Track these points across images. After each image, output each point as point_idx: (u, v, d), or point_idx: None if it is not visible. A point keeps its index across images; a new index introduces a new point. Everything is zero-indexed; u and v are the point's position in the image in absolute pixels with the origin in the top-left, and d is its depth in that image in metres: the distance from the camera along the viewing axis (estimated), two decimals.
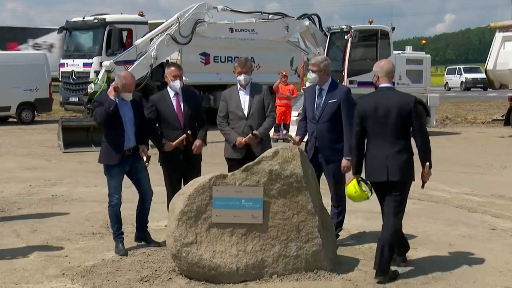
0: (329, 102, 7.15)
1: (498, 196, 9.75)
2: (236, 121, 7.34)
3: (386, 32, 21.00)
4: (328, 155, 7.16)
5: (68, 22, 23.10)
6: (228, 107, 7.41)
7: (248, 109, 7.34)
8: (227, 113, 7.42)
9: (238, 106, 7.36)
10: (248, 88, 7.42)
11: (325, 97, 7.19)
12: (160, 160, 7.42)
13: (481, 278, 6.25)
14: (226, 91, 7.70)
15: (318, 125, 7.15)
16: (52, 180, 11.23)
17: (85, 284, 6.06)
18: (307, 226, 6.23)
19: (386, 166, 6.12)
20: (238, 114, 7.34)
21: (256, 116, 7.33)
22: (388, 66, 6.58)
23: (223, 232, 6.13)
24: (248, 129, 7.26)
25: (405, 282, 6.09)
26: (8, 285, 6.05)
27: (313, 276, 6.13)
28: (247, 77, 7.36)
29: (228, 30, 20.42)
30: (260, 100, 7.39)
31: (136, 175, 7.22)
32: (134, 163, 7.15)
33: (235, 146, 7.22)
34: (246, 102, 7.37)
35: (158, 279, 6.13)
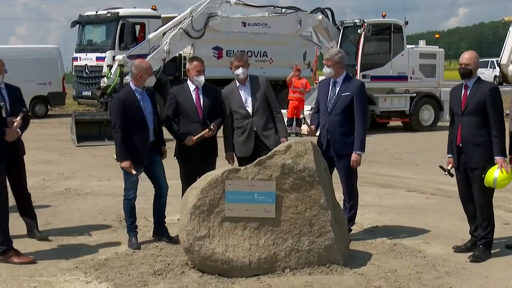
0: (343, 95, 7.12)
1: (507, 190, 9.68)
2: (242, 120, 7.26)
3: (400, 26, 20.95)
4: (339, 148, 7.14)
5: (81, 16, 23.18)
6: (230, 107, 7.31)
7: (252, 106, 7.24)
8: (231, 113, 7.32)
9: (241, 104, 7.25)
10: (247, 83, 7.30)
11: (339, 89, 7.16)
12: (177, 154, 7.40)
13: (494, 273, 6.22)
14: (225, 89, 7.49)
15: (329, 117, 7.13)
16: (66, 174, 11.28)
17: (98, 277, 6.08)
18: (320, 220, 6.22)
19: None
20: (242, 113, 7.25)
21: (261, 111, 7.24)
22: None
23: (235, 226, 6.14)
24: (253, 125, 7.20)
25: (418, 276, 6.07)
26: (22, 278, 6.09)
27: (325, 270, 6.12)
28: (244, 70, 7.23)
29: (241, 24, 20.42)
30: (263, 94, 7.28)
31: (153, 170, 7.21)
32: (152, 158, 7.15)
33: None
34: (249, 99, 7.26)
35: (171, 273, 6.14)
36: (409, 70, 21.04)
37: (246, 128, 7.24)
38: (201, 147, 7.20)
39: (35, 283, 5.95)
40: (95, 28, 22.94)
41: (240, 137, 7.27)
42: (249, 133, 7.23)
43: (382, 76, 20.41)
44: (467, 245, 6.93)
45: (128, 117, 6.91)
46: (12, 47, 28.46)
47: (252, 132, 7.22)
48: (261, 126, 7.23)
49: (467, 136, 6.60)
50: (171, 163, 7.52)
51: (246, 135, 7.24)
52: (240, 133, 7.27)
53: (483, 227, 6.64)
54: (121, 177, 7.66)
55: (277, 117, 7.37)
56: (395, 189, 10.65)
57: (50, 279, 6.07)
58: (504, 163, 6.42)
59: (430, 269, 6.32)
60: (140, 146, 6.98)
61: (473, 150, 6.59)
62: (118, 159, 7.00)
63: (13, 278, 6.08)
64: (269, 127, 7.29)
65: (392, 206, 9.29)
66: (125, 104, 6.95)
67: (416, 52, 21.40)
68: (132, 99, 6.98)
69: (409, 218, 8.38)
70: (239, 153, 7.31)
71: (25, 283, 5.95)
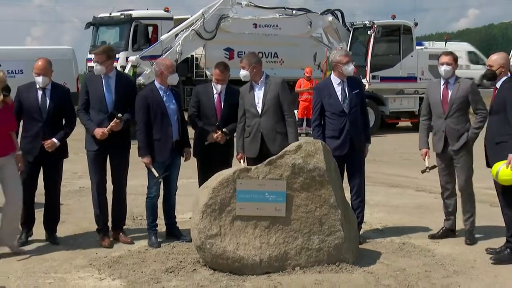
0: (353, 93, 7.14)
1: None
2: (251, 118, 7.19)
3: (409, 27, 20.94)
4: (360, 144, 7.22)
5: (95, 18, 23.25)
6: (244, 105, 7.25)
7: (262, 106, 7.11)
8: (244, 112, 7.26)
9: (252, 103, 7.15)
10: (262, 83, 7.18)
11: (348, 89, 7.15)
12: (195, 152, 7.40)
13: (503, 272, 6.20)
14: (243, 87, 7.38)
15: (349, 117, 7.08)
16: (79, 173, 11.30)
17: (112, 274, 6.11)
18: (330, 219, 6.22)
19: None
20: (252, 112, 7.16)
21: (271, 112, 7.09)
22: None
23: (246, 224, 6.14)
24: (260, 126, 7.14)
25: (426, 275, 6.06)
26: (37, 275, 6.13)
27: (335, 269, 6.12)
28: (245, 73, 7.16)
29: (252, 25, 20.45)
30: (275, 95, 7.10)
31: (169, 169, 7.19)
32: (172, 159, 7.14)
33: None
34: (260, 98, 7.14)
35: (183, 270, 6.16)
36: (419, 71, 21.01)
37: (253, 128, 7.17)
38: (218, 148, 7.21)
39: (50, 280, 5.99)
40: (109, 30, 23.00)
41: (248, 137, 7.25)
42: (255, 134, 7.15)
43: (392, 77, 20.39)
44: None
45: (150, 114, 6.93)
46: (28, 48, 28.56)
47: (259, 133, 7.12)
48: (268, 128, 7.11)
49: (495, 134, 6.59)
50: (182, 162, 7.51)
51: (253, 136, 7.17)
52: (248, 133, 7.24)
53: (510, 229, 6.53)
54: (134, 176, 7.72)
55: (288, 121, 7.18)
56: (404, 188, 10.63)
57: (64, 276, 6.11)
58: None
59: (439, 268, 6.31)
60: (162, 144, 6.97)
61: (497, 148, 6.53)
62: (139, 154, 7.03)
63: (29, 275, 6.12)
64: (277, 130, 7.13)
65: (401, 205, 9.28)
66: (148, 101, 6.97)
67: (425, 53, 21.35)
68: (155, 97, 6.99)
69: (418, 218, 8.37)
70: (247, 153, 7.28)
71: (40, 280, 5.99)
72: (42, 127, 6.89)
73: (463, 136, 7.01)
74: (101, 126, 6.93)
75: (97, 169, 7.14)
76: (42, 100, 6.95)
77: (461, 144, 7.04)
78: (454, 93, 7.05)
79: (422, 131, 7.44)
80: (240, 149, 7.30)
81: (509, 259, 6.46)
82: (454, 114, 7.05)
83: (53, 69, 7.08)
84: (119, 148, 7.12)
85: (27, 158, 6.91)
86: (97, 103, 7.04)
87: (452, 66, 7.07)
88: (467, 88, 7.05)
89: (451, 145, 7.08)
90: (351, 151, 7.13)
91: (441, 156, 7.24)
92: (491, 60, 6.68)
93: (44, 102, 6.96)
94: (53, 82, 7.15)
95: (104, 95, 7.04)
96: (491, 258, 6.53)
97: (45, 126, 6.89)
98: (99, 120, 6.99)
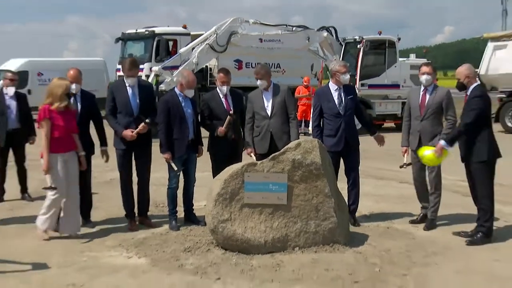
0: (348, 98, 7.18)
1: None
2: (261, 120, 7.22)
3: (393, 42, 20.89)
4: (355, 142, 7.27)
5: (123, 33, 23.25)
6: (253, 108, 7.29)
7: (271, 109, 7.18)
8: (253, 114, 7.29)
9: (262, 107, 7.21)
10: (270, 90, 7.25)
11: (344, 94, 7.18)
12: (209, 149, 7.38)
13: (475, 253, 6.19)
14: (251, 93, 7.45)
15: (344, 118, 7.12)
16: (110, 167, 11.26)
17: (138, 253, 6.13)
18: (325, 207, 6.22)
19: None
20: (262, 114, 7.21)
21: (279, 115, 7.18)
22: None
23: (253, 211, 6.15)
24: (270, 126, 7.15)
25: (408, 255, 6.05)
26: (75, 253, 6.16)
27: (329, 249, 6.13)
28: (264, 82, 7.20)
29: (258, 40, 20.44)
30: (282, 100, 7.21)
31: (187, 164, 7.20)
32: (189, 154, 7.12)
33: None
34: (269, 103, 7.21)
35: (198, 250, 6.17)
36: (401, 80, 20.96)
37: (263, 128, 7.20)
38: (230, 144, 7.20)
39: (85, 258, 6.02)
40: (135, 44, 22.99)
41: (257, 135, 7.26)
42: (265, 133, 7.20)
43: (378, 85, 20.36)
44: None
45: (170, 116, 6.92)
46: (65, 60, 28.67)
47: (268, 132, 7.18)
48: (277, 128, 7.17)
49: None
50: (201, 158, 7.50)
51: (263, 134, 7.21)
52: (257, 132, 7.25)
53: (485, 216, 6.52)
54: (157, 170, 7.74)
55: (292, 122, 7.28)
56: (389, 181, 10.61)
57: (97, 254, 6.14)
58: (439, 151, 6.47)
59: (419, 249, 6.30)
60: (180, 142, 6.96)
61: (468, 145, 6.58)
62: (161, 151, 7.02)
63: (67, 254, 6.15)
64: (284, 130, 7.21)
65: (386, 195, 9.26)
66: (168, 105, 6.97)
67: (407, 64, 21.32)
68: (175, 101, 6.99)
69: (400, 206, 8.35)
70: (257, 150, 7.26)
71: (77, 258, 6.02)
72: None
73: (436, 137, 6.97)
74: (128, 127, 6.94)
75: (124, 164, 7.16)
76: (74, 105, 6.94)
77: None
78: (431, 99, 7.03)
79: (404, 131, 7.42)
80: (249, 145, 7.28)
81: (481, 241, 6.46)
82: (429, 117, 7.03)
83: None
84: (143, 146, 7.13)
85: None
86: (124, 108, 7.04)
87: (431, 75, 7.06)
88: (443, 95, 7.03)
89: (423, 143, 7.06)
90: (346, 148, 7.17)
91: (416, 153, 7.22)
92: (457, 72, 6.68)
93: (76, 106, 6.97)
94: (81, 89, 7.14)
95: (129, 101, 7.04)
96: (466, 241, 6.52)
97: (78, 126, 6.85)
98: (126, 122, 6.99)
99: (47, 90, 6.58)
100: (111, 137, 7.25)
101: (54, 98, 6.48)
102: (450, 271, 5.60)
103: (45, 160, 6.39)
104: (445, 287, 5.20)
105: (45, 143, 6.38)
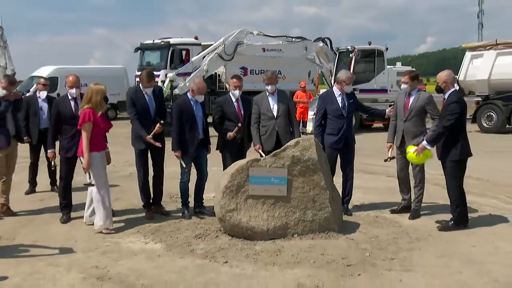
0: (350, 101, 7.21)
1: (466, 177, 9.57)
2: (267, 120, 7.19)
3: (382, 51, 20.87)
4: (352, 141, 7.30)
5: (142, 44, 23.28)
6: (260, 110, 7.25)
7: (276, 111, 7.16)
8: (259, 115, 7.25)
9: (268, 109, 7.18)
10: (275, 94, 7.24)
11: (347, 98, 7.21)
12: (220, 148, 7.34)
13: (454, 238, 6.17)
14: (257, 96, 7.38)
15: (346, 120, 7.17)
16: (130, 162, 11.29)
17: (154, 239, 6.13)
18: (320, 198, 6.20)
19: None
20: (269, 115, 7.17)
21: (283, 116, 7.16)
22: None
23: (257, 202, 6.13)
24: (276, 126, 7.12)
25: (394, 241, 6.03)
26: (98, 239, 6.16)
27: (324, 236, 6.11)
28: (273, 87, 7.19)
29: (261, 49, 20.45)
30: (286, 103, 7.22)
31: (198, 161, 7.17)
32: (199, 152, 7.08)
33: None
34: (275, 105, 7.18)
35: (208, 237, 6.17)
36: (389, 85, 20.91)
37: (270, 127, 7.16)
38: (237, 143, 7.17)
39: (108, 243, 6.02)
40: (152, 53, 23.01)
41: (264, 134, 7.23)
42: (271, 132, 7.15)
43: (368, 89, 20.33)
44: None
45: (183, 118, 6.90)
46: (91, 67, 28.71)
47: (275, 131, 7.14)
48: (282, 127, 7.15)
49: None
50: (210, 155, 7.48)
51: (269, 133, 7.16)
52: (264, 131, 7.21)
53: (453, 206, 6.53)
54: (171, 165, 7.72)
55: (293, 123, 7.29)
56: (377, 175, 10.58)
57: (118, 240, 6.13)
58: (421, 151, 6.42)
59: (404, 235, 6.28)
60: (190, 141, 6.93)
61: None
62: (172, 149, 7.01)
63: (91, 239, 6.16)
64: (287, 130, 7.18)
65: (375, 188, 9.23)
66: (181, 108, 6.94)
67: (394, 71, 21.28)
68: (187, 105, 6.95)
69: (387, 197, 8.32)
70: (265, 147, 7.17)
71: (100, 243, 6.02)
72: (78, 130, 6.59)
73: (419, 137, 6.93)
74: (147, 129, 6.89)
75: (142, 161, 7.12)
76: (75, 108, 6.87)
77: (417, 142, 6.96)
78: (414, 102, 7.01)
79: (390, 129, 7.42)
80: (257, 142, 7.19)
81: (451, 228, 6.47)
82: (412, 118, 7.01)
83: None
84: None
85: (68, 154, 6.82)
86: (144, 112, 7.00)
87: (408, 84, 7.06)
88: (424, 99, 7.00)
89: (407, 141, 7.03)
90: (345, 146, 7.19)
91: (399, 149, 7.21)
92: (438, 77, 6.67)
93: (77, 110, 6.84)
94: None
95: (148, 105, 7.02)
96: (437, 227, 6.53)
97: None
98: (146, 124, 6.95)
99: (86, 95, 6.42)
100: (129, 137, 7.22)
101: (94, 103, 6.36)
102: (432, 256, 5.57)
103: (86, 159, 6.30)
104: (427, 269, 5.17)
105: (86, 143, 6.28)
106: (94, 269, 5.19)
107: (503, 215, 7.26)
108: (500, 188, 9.23)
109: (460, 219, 6.53)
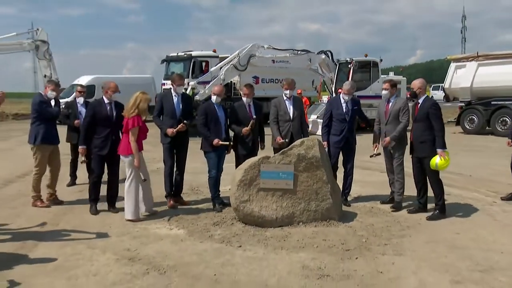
0: (354, 108, 7.19)
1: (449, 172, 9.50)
2: (284, 122, 7.18)
3: (376, 62, 20.72)
4: (352, 142, 7.29)
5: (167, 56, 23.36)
6: (278, 111, 7.23)
7: (292, 114, 7.16)
8: (277, 115, 7.23)
9: (286, 112, 7.17)
10: (291, 99, 7.24)
11: (351, 104, 7.19)
12: (234, 146, 7.26)
13: (439, 227, 6.11)
14: (275, 100, 7.38)
15: (347, 124, 7.15)
16: (157, 158, 11.32)
17: (177, 226, 6.14)
18: (323, 191, 6.18)
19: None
20: (286, 118, 7.16)
21: (297, 118, 7.17)
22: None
23: (267, 194, 6.12)
24: (291, 127, 7.10)
25: (388, 229, 5.99)
26: (128, 226, 6.18)
27: (326, 224, 6.09)
28: (291, 92, 7.22)
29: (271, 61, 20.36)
30: (299, 108, 7.24)
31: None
32: (221, 151, 7.01)
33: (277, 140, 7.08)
34: (291, 109, 7.18)
35: (224, 224, 6.17)
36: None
37: (285, 128, 7.16)
38: (249, 143, 7.12)
39: (137, 229, 6.04)
40: (176, 64, 23.06)
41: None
42: (287, 132, 7.13)
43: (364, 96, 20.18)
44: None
45: (207, 118, 6.88)
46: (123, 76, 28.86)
47: (290, 132, 7.12)
48: (296, 129, 7.14)
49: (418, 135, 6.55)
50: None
51: (285, 133, 7.14)
52: (281, 131, 7.18)
53: (437, 198, 6.51)
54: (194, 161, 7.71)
55: (304, 125, 7.31)
56: (373, 171, 10.51)
57: (147, 226, 6.16)
58: (442, 153, 6.29)
59: (396, 224, 6.23)
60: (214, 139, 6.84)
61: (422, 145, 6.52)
62: (207, 143, 6.91)
63: (123, 225, 6.19)
64: (299, 131, 7.15)
65: (371, 182, 9.18)
66: (206, 111, 6.93)
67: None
68: (211, 108, 6.93)
69: (382, 190, 8.26)
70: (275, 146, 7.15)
71: (131, 229, 6.05)
72: (111, 131, 6.68)
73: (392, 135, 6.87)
74: (171, 127, 6.92)
75: (169, 156, 7.13)
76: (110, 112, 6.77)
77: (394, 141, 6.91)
78: (392, 107, 6.97)
79: (375, 131, 7.33)
80: (277, 134, 7.12)
81: (437, 217, 6.43)
82: (391, 121, 6.96)
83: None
84: (181, 143, 7.11)
85: (101, 152, 6.70)
86: (170, 112, 7.01)
87: (388, 90, 7.01)
88: (400, 104, 6.95)
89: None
90: (346, 145, 7.20)
91: (384, 148, 7.15)
92: (413, 84, 6.69)
93: (111, 113, 6.78)
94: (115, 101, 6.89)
95: (174, 106, 7.03)
96: (426, 217, 6.47)
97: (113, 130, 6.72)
98: (171, 123, 6.96)
99: (134, 102, 6.36)
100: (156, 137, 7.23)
101: (141, 110, 6.37)
102: (420, 242, 5.53)
103: (137, 159, 6.33)
104: (416, 254, 5.13)
105: (135, 145, 6.32)
106: (126, 251, 5.22)
107: (483, 206, 7.19)
108: (481, 182, 9.13)
109: (443, 208, 6.52)
